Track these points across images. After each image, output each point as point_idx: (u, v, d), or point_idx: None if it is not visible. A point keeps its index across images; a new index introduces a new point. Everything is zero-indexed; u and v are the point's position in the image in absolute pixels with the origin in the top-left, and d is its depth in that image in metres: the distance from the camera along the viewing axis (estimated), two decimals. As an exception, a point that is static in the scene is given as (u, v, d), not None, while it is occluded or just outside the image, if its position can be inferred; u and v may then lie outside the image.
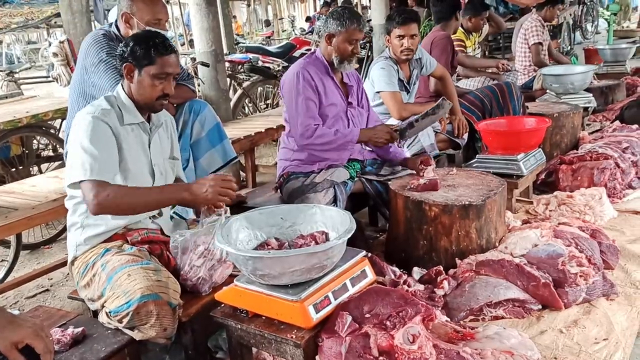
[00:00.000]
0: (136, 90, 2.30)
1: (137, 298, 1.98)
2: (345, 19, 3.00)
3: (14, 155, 4.62)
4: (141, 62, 2.24)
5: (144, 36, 2.29)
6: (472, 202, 2.70)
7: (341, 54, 3.06)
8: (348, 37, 3.02)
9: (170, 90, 2.32)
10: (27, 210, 2.77)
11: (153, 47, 2.23)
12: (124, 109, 2.30)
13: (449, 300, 2.47)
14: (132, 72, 2.28)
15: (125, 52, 2.26)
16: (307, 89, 3.01)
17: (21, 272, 3.86)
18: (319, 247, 1.85)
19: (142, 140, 2.35)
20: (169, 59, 2.27)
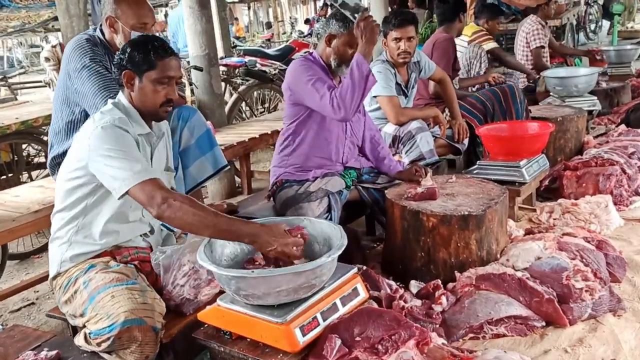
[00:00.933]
0: (138, 98, 2.16)
1: (120, 322, 1.87)
2: (348, 22, 2.88)
3: (3, 163, 4.51)
4: (141, 67, 2.12)
5: (142, 41, 2.16)
6: (472, 212, 2.58)
7: (340, 57, 2.93)
8: (349, 41, 2.90)
9: (174, 95, 2.19)
10: (7, 222, 2.66)
11: (152, 50, 2.11)
12: (131, 119, 2.17)
13: (448, 317, 2.35)
14: (132, 80, 2.14)
15: (122, 59, 2.13)
16: (318, 71, 2.87)
17: (9, 283, 3.75)
18: (307, 265, 1.73)
19: (145, 151, 2.23)
20: (169, 62, 2.15)
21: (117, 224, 2.17)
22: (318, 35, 3.04)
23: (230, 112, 5.17)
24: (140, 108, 2.19)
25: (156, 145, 2.30)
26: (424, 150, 3.57)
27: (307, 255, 2.03)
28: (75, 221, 2.14)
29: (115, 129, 2.04)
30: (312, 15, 19.59)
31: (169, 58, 2.15)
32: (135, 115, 2.18)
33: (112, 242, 2.19)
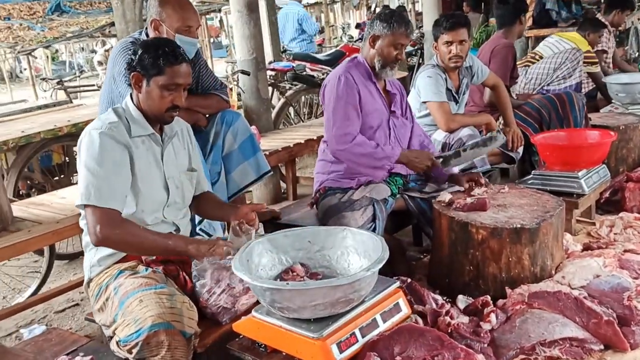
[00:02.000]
0: (144, 100, 2.15)
1: (147, 327, 1.83)
2: (393, 22, 2.79)
3: (55, 164, 4.62)
4: (149, 71, 2.10)
5: (153, 44, 2.14)
6: (525, 225, 2.42)
7: (384, 58, 2.85)
8: (394, 41, 2.82)
9: (180, 102, 2.17)
10: (52, 224, 2.69)
11: (162, 56, 2.08)
12: (132, 120, 2.16)
13: (497, 336, 2.20)
14: (140, 82, 2.13)
15: (133, 60, 2.11)
16: (349, 93, 2.81)
17: (57, 283, 3.81)
18: (344, 279, 1.64)
19: (154, 152, 2.21)
20: (179, 68, 2.11)
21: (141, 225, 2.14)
22: (364, 37, 2.96)
23: (277, 117, 5.13)
24: (146, 111, 2.17)
25: (167, 145, 2.27)
26: (480, 168, 3.42)
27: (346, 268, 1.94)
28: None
29: (97, 135, 2.06)
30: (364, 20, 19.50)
31: (178, 65, 2.11)
32: (138, 118, 2.17)
33: None
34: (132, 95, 2.21)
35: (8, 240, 2.52)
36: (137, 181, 2.13)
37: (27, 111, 5.36)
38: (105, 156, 2.03)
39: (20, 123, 4.62)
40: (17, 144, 4.00)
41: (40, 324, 3.16)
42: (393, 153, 2.84)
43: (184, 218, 2.35)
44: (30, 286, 3.58)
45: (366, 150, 2.78)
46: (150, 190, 2.17)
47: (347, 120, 2.78)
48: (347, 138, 2.77)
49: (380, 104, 2.94)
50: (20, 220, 2.75)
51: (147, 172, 2.16)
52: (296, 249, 2.00)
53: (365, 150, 2.79)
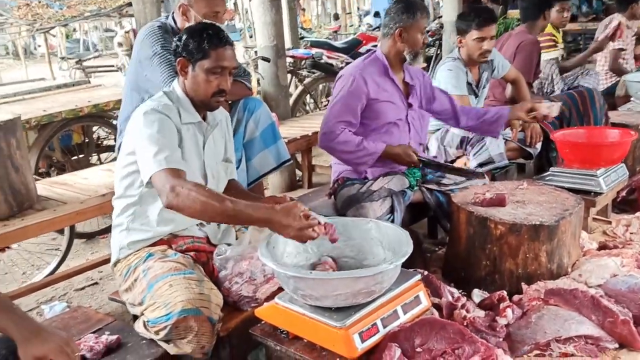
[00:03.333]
0: (191, 86, 2.17)
1: (177, 312, 1.87)
2: (414, 10, 2.84)
3: (75, 144, 4.67)
4: (194, 56, 2.11)
5: (197, 29, 2.15)
6: (544, 222, 2.44)
7: (414, 47, 2.89)
8: (419, 27, 2.86)
9: (226, 86, 2.18)
10: (76, 204, 2.73)
11: (206, 39, 2.09)
12: (182, 106, 2.17)
13: (512, 330, 2.23)
14: (186, 68, 2.15)
15: (178, 46, 2.13)
16: (353, 95, 2.85)
17: (75, 261, 3.87)
18: (366, 271, 1.67)
19: (197, 140, 2.23)
20: (223, 51, 2.12)
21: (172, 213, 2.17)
22: (384, 32, 2.96)
23: (294, 104, 5.15)
24: (193, 97, 2.19)
25: (209, 134, 2.28)
26: (494, 153, 3.43)
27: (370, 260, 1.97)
28: (132, 208, 2.17)
29: (155, 113, 2.05)
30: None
31: (223, 48, 2.12)
32: (186, 104, 2.18)
33: (168, 230, 2.20)
34: (178, 81, 2.22)
35: (34, 218, 2.57)
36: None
37: (47, 90, 5.40)
38: (165, 130, 2.03)
39: (41, 102, 4.66)
40: (39, 123, 4.04)
41: (60, 301, 3.24)
42: (375, 150, 2.86)
43: None
44: (50, 263, 3.64)
45: (348, 149, 2.84)
46: (190, 177, 2.16)
47: (337, 121, 2.84)
48: (331, 136, 2.83)
49: (398, 99, 2.96)
50: (45, 199, 2.80)
51: (189, 160, 2.17)
52: (321, 237, 2.02)
53: (347, 148, 2.84)
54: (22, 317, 1.39)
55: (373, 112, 2.90)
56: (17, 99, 4.92)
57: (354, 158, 2.88)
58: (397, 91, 2.96)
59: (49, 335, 1.38)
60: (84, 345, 1.88)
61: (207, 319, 1.91)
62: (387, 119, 2.93)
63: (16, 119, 2.60)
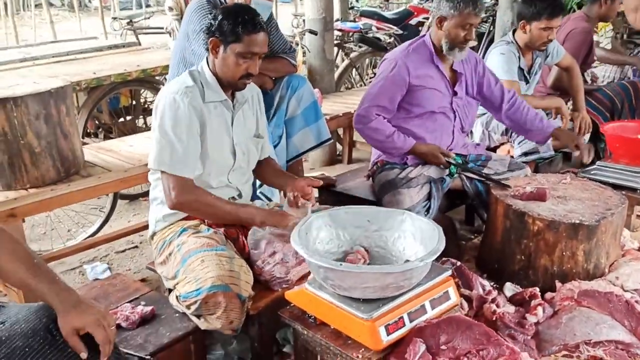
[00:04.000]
0: (220, 66, 2.20)
1: (206, 287, 1.93)
2: (460, 2, 2.70)
3: (122, 106, 4.78)
4: (227, 38, 2.13)
5: (233, 11, 2.16)
6: (584, 221, 2.39)
7: (452, 40, 2.78)
8: (462, 22, 2.73)
9: (254, 70, 2.20)
10: (120, 172, 2.81)
11: (241, 23, 2.10)
12: (207, 86, 2.21)
13: (542, 329, 2.21)
14: (217, 48, 2.17)
15: (212, 25, 2.15)
16: (393, 81, 2.80)
17: (118, 222, 4.01)
18: (396, 267, 1.68)
19: (225, 118, 2.26)
20: (256, 37, 2.14)
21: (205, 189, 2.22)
22: (433, 16, 2.90)
23: (339, 78, 5.11)
24: (220, 76, 2.22)
25: (237, 111, 2.31)
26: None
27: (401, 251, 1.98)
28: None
29: (178, 103, 2.10)
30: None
31: (256, 34, 2.13)
32: (213, 83, 2.22)
33: None
34: (207, 59, 2.25)
35: (81, 184, 2.66)
36: (207, 146, 2.19)
37: (98, 50, 5.51)
38: (180, 122, 2.09)
39: (92, 63, 4.76)
40: (89, 86, 4.14)
41: (102, 262, 3.37)
42: (403, 145, 2.84)
43: (247, 182, 2.42)
44: (94, 223, 3.78)
45: (378, 137, 2.83)
46: (218, 155, 2.24)
47: (373, 105, 2.81)
48: (364, 120, 2.81)
49: (443, 87, 2.89)
50: (91, 165, 2.89)
51: (216, 137, 2.23)
52: (355, 226, 2.04)
53: (377, 137, 2.84)
54: (64, 288, 1.45)
55: (416, 99, 2.85)
56: (70, 59, 5.05)
57: (381, 147, 2.90)
58: (442, 79, 2.90)
59: (87, 307, 1.44)
60: (120, 314, 1.97)
61: (236, 295, 1.96)
62: (431, 107, 2.88)
63: (67, 87, 2.67)
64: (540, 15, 3.36)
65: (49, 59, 5.11)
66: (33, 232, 3.82)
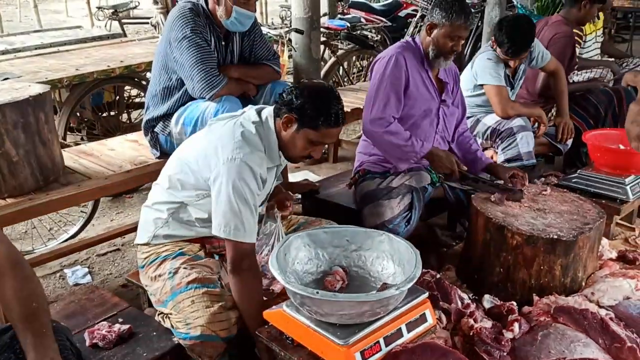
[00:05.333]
0: (286, 139, 2.14)
1: (195, 335, 1.95)
2: (452, 12, 2.69)
3: (105, 102, 4.73)
4: (305, 122, 2.06)
5: (323, 98, 2.08)
6: (562, 236, 2.41)
7: (439, 49, 2.77)
8: (451, 32, 2.72)
9: (317, 156, 2.20)
10: (101, 180, 2.78)
11: (325, 115, 2.05)
12: (269, 150, 2.15)
13: (517, 346, 2.24)
14: (290, 123, 2.10)
15: (295, 103, 2.06)
16: (395, 76, 2.77)
17: (101, 220, 3.99)
18: (372, 296, 1.69)
19: (270, 178, 2.25)
20: (334, 131, 2.12)
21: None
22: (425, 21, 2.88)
23: (326, 75, 5.08)
24: (282, 147, 2.17)
25: (280, 170, 2.32)
26: (523, 151, 3.36)
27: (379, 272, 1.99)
28: (177, 205, 2.19)
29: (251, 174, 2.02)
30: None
31: (335, 129, 2.10)
32: (274, 149, 2.16)
33: (207, 233, 2.22)
34: (276, 122, 2.16)
35: (59, 193, 2.62)
36: None
37: (82, 42, 5.44)
38: (248, 194, 2.01)
39: (75, 56, 4.70)
40: (71, 83, 4.09)
41: (82, 265, 3.36)
42: (422, 150, 2.81)
43: None
44: (76, 223, 3.75)
45: (397, 141, 2.76)
46: None
47: (386, 105, 2.75)
48: (382, 122, 2.75)
49: (431, 91, 2.89)
50: (71, 172, 2.85)
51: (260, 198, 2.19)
52: (334, 245, 2.05)
53: (397, 141, 2.76)
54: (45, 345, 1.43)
55: (405, 98, 2.82)
56: (53, 51, 4.97)
57: (399, 153, 2.80)
58: (430, 84, 2.90)
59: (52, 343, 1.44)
60: (97, 333, 1.97)
61: (222, 341, 1.98)
62: (417, 110, 2.87)
63: (45, 94, 2.62)
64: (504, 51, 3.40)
65: (31, 50, 5.04)
66: (14, 231, 3.79)
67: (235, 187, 1.98)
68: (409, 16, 7.86)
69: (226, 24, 2.77)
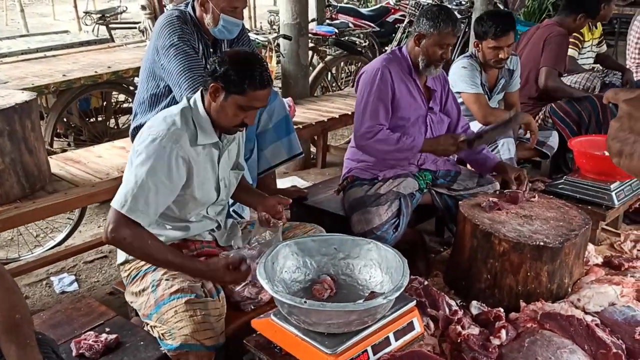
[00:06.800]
0: (216, 112, 2.11)
1: (179, 345, 1.93)
2: (439, 21, 2.71)
3: (92, 108, 4.70)
4: (231, 88, 2.04)
5: (242, 61, 2.06)
6: (548, 243, 2.43)
7: (429, 58, 2.80)
8: (440, 41, 2.75)
9: (251, 122, 2.15)
10: (88, 187, 2.77)
11: (249, 78, 2.03)
12: (200, 127, 2.12)
13: (505, 352, 2.26)
14: (217, 93, 2.07)
15: (217, 70, 2.04)
16: (381, 90, 2.79)
17: (88, 226, 3.96)
18: (360, 305, 1.69)
19: (211, 156, 2.20)
20: (261, 93, 2.08)
21: (184, 223, 2.20)
22: (410, 31, 2.90)
23: (314, 81, 5.09)
24: (215, 120, 2.14)
25: (225, 149, 2.26)
26: (505, 157, 3.38)
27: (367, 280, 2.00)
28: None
29: (161, 150, 2.01)
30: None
31: (262, 90, 2.07)
32: (206, 124, 2.14)
33: (181, 236, 2.22)
34: (203, 97, 2.15)
35: (46, 201, 2.61)
36: (192, 189, 2.13)
37: (69, 47, 5.41)
38: (158, 170, 1.99)
39: (62, 62, 4.68)
40: (58, 89, 4.06)
41: (69, 273, 3.33)
42: (415, 144, 2.83)
43: (223, 211, 2.39)
44: (63, 230, 3.73)
45: (388, 147, 2.81)
46: (203, 194, 2.17)
47: (374, 118, 2.79)
48: (370, 134, 2.79)
49: (419, 100, 2.91)
50: (58, 179, 2.83)
51: (202, 178, 2.16)
52: (322, 254, 2.05)
53: (388, 147, 2.81)
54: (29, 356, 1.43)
55: (393, 108, 2.85)
56: (39, 56, 4.94)
57: (394, 155, 2.85)
58: (418, 92, 2.92)
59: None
60: (84, 343, 1.95)
61: (208, 350, 1.96)
62: (406, 118, 2.89)
63: (32, 101, 2.61)
64: (487, 34, 3.36)
65: (17, 55, 5.01)
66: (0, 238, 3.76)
67: (137, 164, 2.00)
68: (396, 21, 7.91)
69: (214, 31, 2.77)
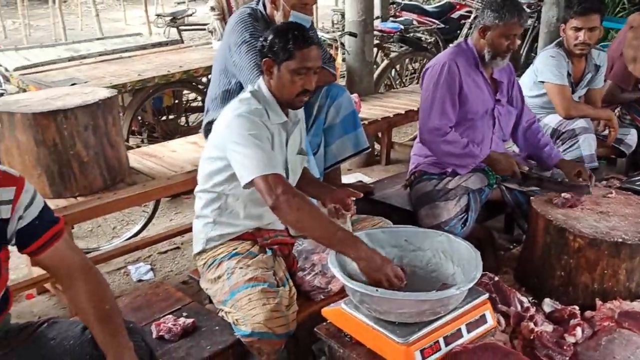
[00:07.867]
0: (276, 86, 2.18)
1: (252, 332, 1.98)
2: (504, 12, 2.67)
3: (165, 106, 4.89)
4: (280, 56, 2.12)
5: (282, 29, 2.16)
6: (627, 240, 2.34)
7: (495, 49, 2.76)
8: (506, 32, 2.70)
9: (310, 86, 2.18)
10: (163, 180, 2.89)
11: (292, 40, 2.09)
12: (269, 107, 2.19)
13: (580, 350, 2.19)
14: (271, 68, 2.16)
15: (264, 47, 2.15)
16: (449, 83, 2.77)
17: (161, 219, 4.12)
18: (433, 294, 1.69)
19: (281, 138, 2.26)
20: (309, 52, 2.12)
21: (258, 208, 2.24)
22: (475, 24, 2.86)
23: (379, 78, 5.08)
24: (278, 96, 2.20)
25: (292, 132, 2.31)
26: (585, 153, 3.28)
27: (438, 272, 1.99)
28: (218, 203, 2.24)
29: (250, 117, 2.08)
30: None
31: (308, 48, 2.11)
32: (273, 104, 2.20)
33: (254, 225, 2.27)
34: (264, 80, 2.23)
35: (126, 192, 2.74)
36: None
37: (142, 48, 5.63)
38: (257, 132, 2.05)
39: (136, 62, 4.88)
40: (134, 87, 4.25)
41: (145, 262, 3.48)
42: (480, 155, 2.81)
43: None
44: (138, 222, 3.89)
45: (454, 150, 2.79)
46: None
47: (442, 113, 2.77)
48: (439, 133, 2.77)
49: (486, 93, 2.87)
50: (136, 172, 2.97)
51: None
52: (392, 245, 2.06)
53: (454, 150, 2.79)
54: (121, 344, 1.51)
55: (460, 102, 2.83)
56: (116, 57, 5.17)
57: (457, 160, 2.82)
58: (485, 85, 2.88)
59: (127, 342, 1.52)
60: (163, 326, 2.04)
61: (279, 338, 2.00)
62: (474, 111, 2.86)
63: (113, 97, 2.75)
64: (570, 14, 3.29)
65: (95, 57, 5.26)
66: (80, 230, 3.96)
67: (242, 135, 2.03)
68: (462, 18, 7.78)
69: (284, 28, 2.82)
